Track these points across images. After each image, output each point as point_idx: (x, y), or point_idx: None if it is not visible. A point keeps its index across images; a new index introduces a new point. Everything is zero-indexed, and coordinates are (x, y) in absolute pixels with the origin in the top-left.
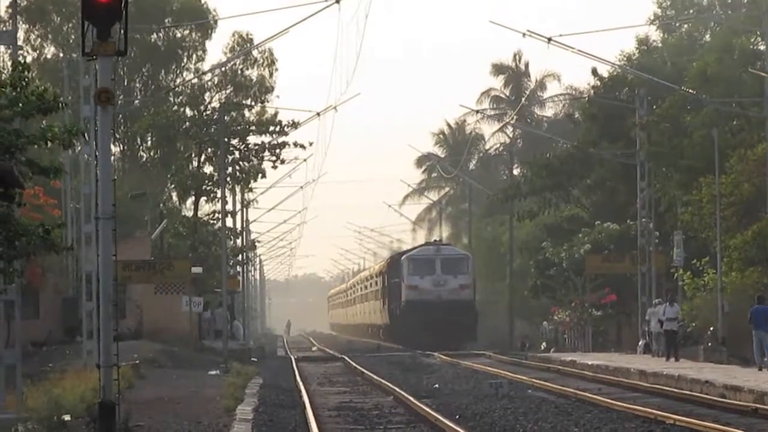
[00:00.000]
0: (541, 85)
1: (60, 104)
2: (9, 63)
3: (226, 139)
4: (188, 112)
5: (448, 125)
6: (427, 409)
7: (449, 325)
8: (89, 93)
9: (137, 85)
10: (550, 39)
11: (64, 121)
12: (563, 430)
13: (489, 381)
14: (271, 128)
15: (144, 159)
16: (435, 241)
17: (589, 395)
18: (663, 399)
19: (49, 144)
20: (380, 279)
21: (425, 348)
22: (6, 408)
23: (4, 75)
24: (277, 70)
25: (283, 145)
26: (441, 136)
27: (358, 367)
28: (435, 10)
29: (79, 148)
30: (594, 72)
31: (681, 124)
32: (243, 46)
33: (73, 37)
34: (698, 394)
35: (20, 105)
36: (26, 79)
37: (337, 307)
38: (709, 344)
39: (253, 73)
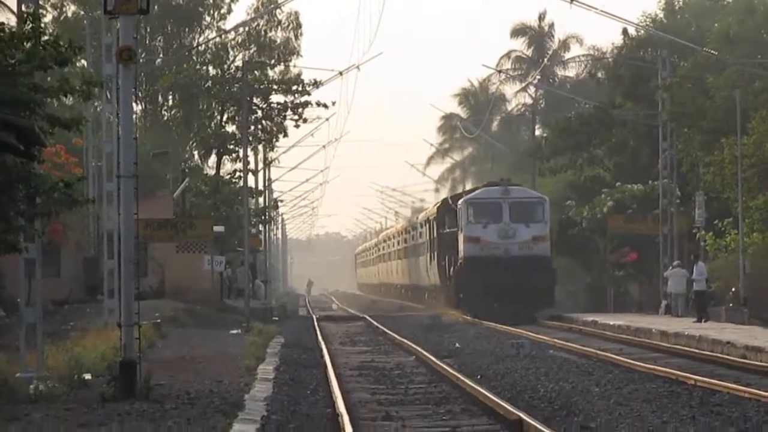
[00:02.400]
0: (564, 45)
1: (76, 51)
2: (28, 20)
3: (248, 98)
4: (211, 70)
5: (471, 85)
6: (449, 369)
7: (520, 289)
8: (111, 51)
9: (159, 43)
10: (572, 0)
11: (85, 75)
12: (584, 390)
13: (510, 341)
14: (294, 87)
15: (166, 117)
16: (501, 180)
17: (611, 355)
18: (684, 359)
19: (69, 97)
20: (427, 229)
21: (490, 317)
22: (27, 366)
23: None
24: (302, 34)
25: (306, 104)
26: (463, 96)
27: (380, 326)
28: None
29: (101, 106)
30: (624, 32)
31: (703, 85)
32: (267, 6)
33: None
34: (720, 355)
35: (36, 56)
36: (42, 30)
37: (367, 265)
38: (731, 305)
39: (278, 35)
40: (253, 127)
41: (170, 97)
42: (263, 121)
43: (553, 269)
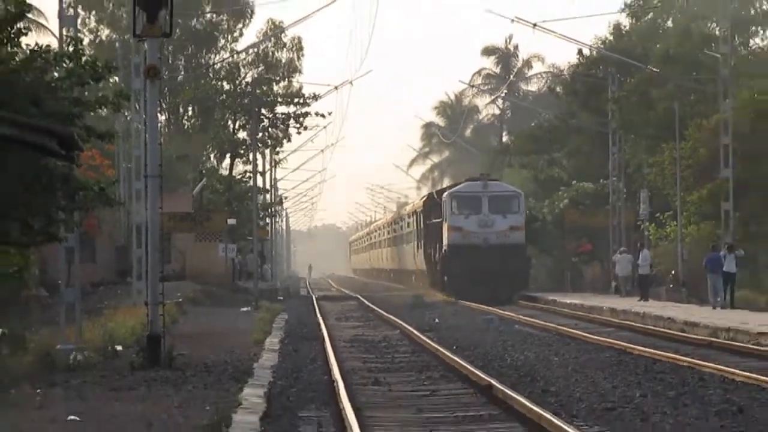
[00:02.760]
0: (527, 64)
1: (110, 69)
2: (68, 43)
3: (257, 109)
4: (225, 86)
5: (448, 98)
6: (429, 341)
7: (498, 273)
8: (139, 69)
9: (181, 62)
10: (535, 24)
11: (116, 89)
12: (545, 359)
13: (482, 317)
14: (296, 100)
15: (186, 126)
16: (481, 175)
17: (568, 329)
18: (631, 333)
19: (103, 109)
20: (414, 220)
21: (471, 298)
22: (66, 339)
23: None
24: (303, 55)
25: (306, 114)
26: (441, 108)
27: (370, 305)
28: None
29: (130, 116)
30: (579, 52)
31: (647, 98)
32: (274, 31)
33: (125, 21)
34: (661, 329)
35: (76, 74)
36: (81, 52)
37: (359, 252)
38: (671, 286)
39: (282, 56)
40: (261, 134)
41: (190, 108)
42: (270, 129)
43: (527, 256)
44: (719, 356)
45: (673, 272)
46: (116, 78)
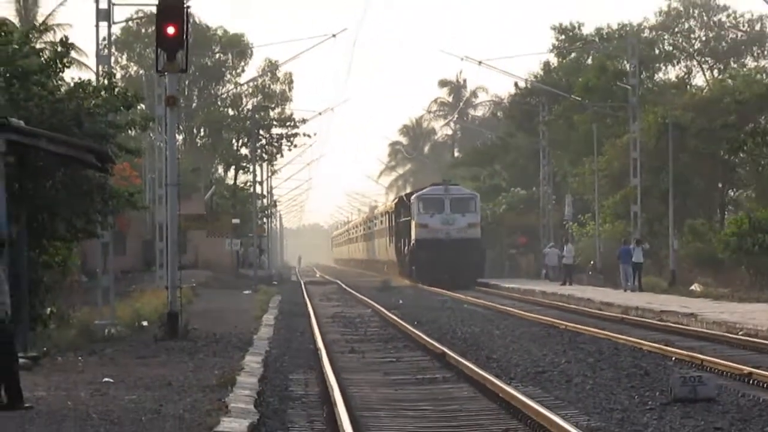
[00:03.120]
0: (474, 94)
1: (138, 98)
2: (104, 77)
3: (256, 131)
4: (230, 112)
5: (410, 121)
6: (395, 317)
7: (458, 263)
8: (161, 99)
9: (195, 93)
10: (480, 62)
11: (142, 114)
12: (488, 332)
13: (438, 298)
14: (288, 123)
15: (199, 144)
16: (444, 180)
17: (507, 308)
18: (558, 311)
19: (132, 130)
20: (387, 218)
21: (434, 284)
22: (102, 316)
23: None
24: (293, 87)
25: (296, 134)
26: (405, 129)
27: (347, 288)
28: (402, 41)
29: (154, 136)
30: (516, 85)
31: (571, 121)
32: (270, 67)
33: (149, 59)
34: (583, 308)
35: (110, 102)
36: (114, 84)
37: (340, 245)
38: (590, 273)
39: (276, 87)
40: (259, 151)
41: (202, 130)
42: (266, 146)
43: (483, 248)
44: (630, 330)
45: (592, 262)
46: (143, 105)
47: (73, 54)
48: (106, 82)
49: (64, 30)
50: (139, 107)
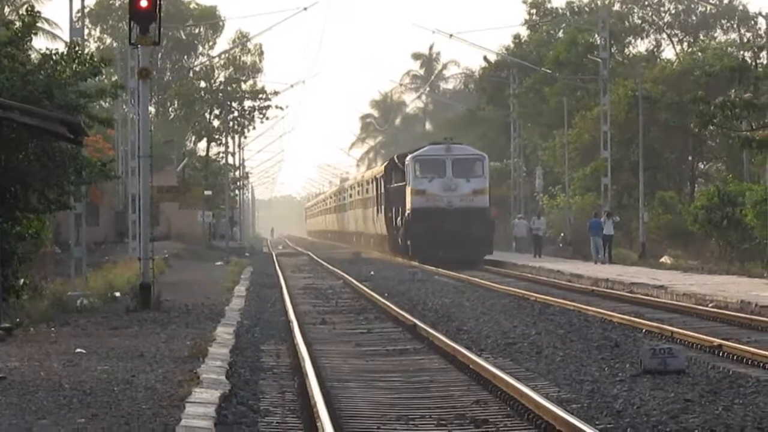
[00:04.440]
0: (446, 67)
1: (105, 63)
2: (73, 47)
3: (228, 103)
4: (202, 84)
5: (380, 94)
6: (366, 289)
7: (462, 237)
8: (134, 71)
9: (167, 65)
10: (451, 35)
11: (112, 83)
12: (459, 304)
13: (408, 270)
14: (260, 96)
15: (171, 116)
16: (445, 138)
17: (477, 280)
18: (528, 283)
19: (105, 100)
20: (374, 185)
21: (435, 262)
22: (75, 287)
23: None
24: (264, 58)
25: (268, 107)
26: (375, 102)
27: (318, 259)
28: (374, 14)
29: (127, 108)
30: (485, 59)
31: (542, 94)
32: (241, 40)
33: (123, 31)
34: (553, 280)
35: (80, 73)
36: (82, 53)
37: (314, 216)
38: (561, 245)
39: (247, 59)
40: (231, 123)
41: (175, 102)
42: (238, 119)
43: (491, 219)
44: (600, 302)
45: (562, 234)
46: (116, 76)
47: (46, 26)
48: (76, 51)
49: (42, 4)
50: (109, 77)
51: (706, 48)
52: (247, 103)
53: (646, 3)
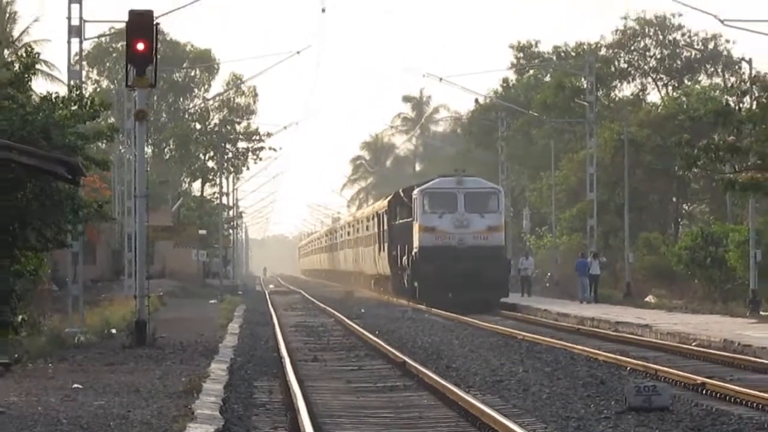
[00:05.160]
0: (436, 110)
1: (104, 106)
2: (73, 90)
3: (223, 144)
4: (197, 126)
5: (371, 137)
6: (357, 327)
7: (474, 279)
8: (131, 113)
9: (163, 107)
10: (441, 78)
11: (109, 126)
12: (448, 342)
13: (398, 309)
14: (253, 137)
15: (167, 157)
16: (456, 170)
17: (466, 318)
18: (516, 321)
19: (102, 142)
20: (376, 222)
21: (444, 306)
22: (72, 324)
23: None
24: (258, 100)
25: (261, 148)
26: (366, 144)
27: (310, 298)
28: (366, 58)
29: (124, 150)
30: (476, 101)
31: (529, 137)
32: (235, 82)
33: (120, 74)
34: (539, 318)
35: (78, 115)
36: (82, 97)
37: (308, 255)
38: (547, 285)
39: (241, 101)
40: (225, 164)
41: (170, 143)
42: (232, 160)
43: (507, 259)
44: (586, 340)
45: (549, 274)
46: (112, 119)
47: (45, 68)
48: (76, 94)
49: (41, 46)
50: (108, 120)
51: (691, 92)
52: (241, 144)
53: (632, 48)
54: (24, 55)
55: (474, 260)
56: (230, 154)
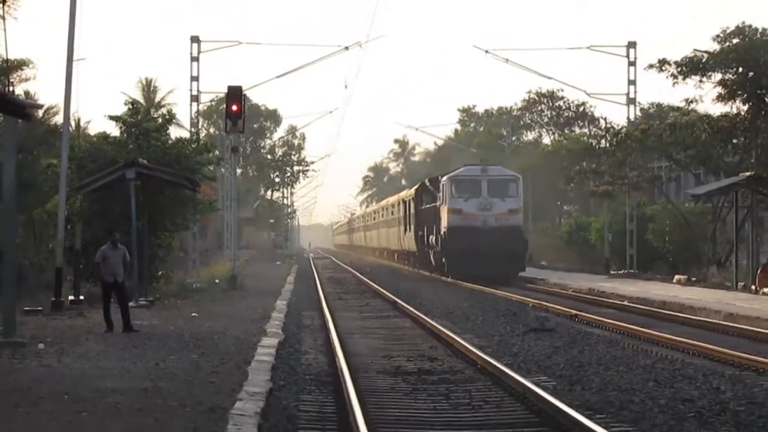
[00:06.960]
0: (413, 148)
1: (212, 147)
2: (193, 136)
3: (284, 168)
4: (268, 156)
5: (374, 163)
6: (365, 279)
7: (497, 255)
8: (228, 148)
9: (248, 145)
10: (417, 128)
11: (216, 158)
12: (420, 288)
13: (389, 268)
14: (302, 163)
15: (250, 175)
16: (481, 160)
17: (434, 275)
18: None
19: (211, 166)
20: (403, 207)
21: (469, 278)
22: (192, 276)
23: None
24: (305, 139)
25: (307, 170)
26: (373, 168)
27: (337, 261)
28: (372, 114)
29: (225, 170)
30: (435, 144)
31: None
32: (291, 130)
33: (222, 125)
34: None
35: (197, 150)
36: (199, 140)
37: (340, 234)
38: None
39: (295, 141)
40: (286, 180)
41: (252, 167)
42: (290, 177)
43: (525, 238)
44: (503, 288)
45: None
46: (217, 152)
47: (176, 122)
48: (195, 138)
49: (174, 107)
50: (215, 153)
51: (569, 137)
52: (295, 168)
53: (533, 110)
54: (165, 113)
55: (496, 239)
56: (288, 174)
